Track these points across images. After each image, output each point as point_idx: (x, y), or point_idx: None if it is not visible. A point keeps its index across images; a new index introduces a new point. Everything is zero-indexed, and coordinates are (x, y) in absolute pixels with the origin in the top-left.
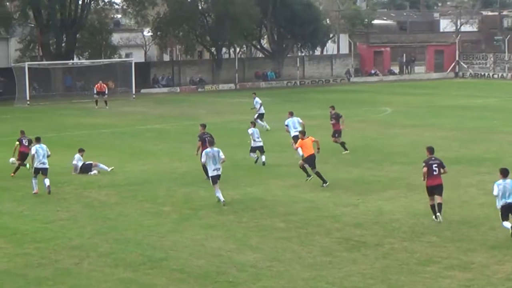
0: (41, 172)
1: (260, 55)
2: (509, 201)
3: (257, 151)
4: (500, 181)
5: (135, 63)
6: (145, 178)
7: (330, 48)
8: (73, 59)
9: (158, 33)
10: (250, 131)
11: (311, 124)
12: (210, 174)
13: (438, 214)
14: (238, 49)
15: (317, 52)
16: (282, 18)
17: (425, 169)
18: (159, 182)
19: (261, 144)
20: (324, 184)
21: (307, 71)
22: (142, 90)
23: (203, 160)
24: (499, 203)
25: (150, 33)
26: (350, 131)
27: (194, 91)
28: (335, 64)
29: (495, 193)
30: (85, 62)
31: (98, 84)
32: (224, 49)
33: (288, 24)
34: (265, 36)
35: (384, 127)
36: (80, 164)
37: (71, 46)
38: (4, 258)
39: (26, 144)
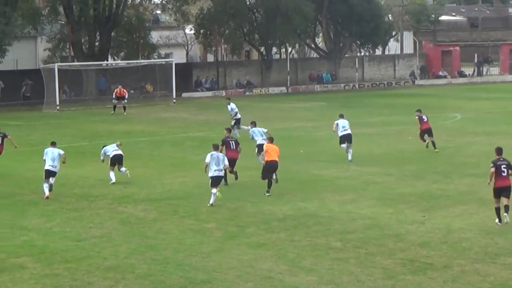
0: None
1: (315, 55)
2: None
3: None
4: None
5: (175, 64)
6: (187, 191)
7: (393, 47)
8: (107, 60)
9: (202, 31)
10: (251, 132)
11: (370, 132)
12: (210, 175)
13: (505, 214)
14: (290, 49)
15: (378, 51)
16: (339, 14)
17: (492, 169)
18: (202, 196)
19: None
20: (266, 193)
21: (366, 73)
22: (184, 94)
23: (206, 160)
24: None
25: (192, 31)
26: (415, 139)
27: (241, 95)
28: (398, 65)
29: None
30: (121, 63)
31: (118, 89)
32: (274, 49)
33: (345, 21)
34: (320, 34)
35: (453, 135)
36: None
37: (106, 45)
38: (31, 279)
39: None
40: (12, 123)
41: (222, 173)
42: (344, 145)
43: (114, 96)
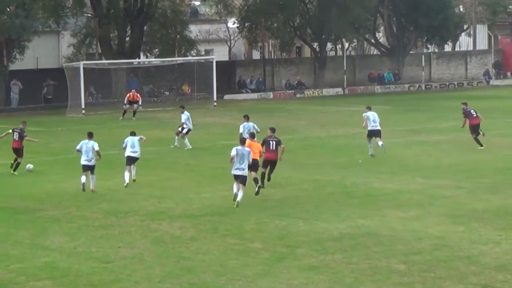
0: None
1: (375, 52)
2: None
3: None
4: None
5: (217, 62)
6: (229, 206)
7: (464, 42)
8: (139, 58)
9: (246, 24)
10: (241, 126)
11: (439, 139)
12: (232, 172)
13: None
14: (347, 45)
15: (447, 48)
16: (403, 5)
17: None
18: (247, 212)
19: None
20: (257, 194)
21: (434, 72)
22: (226, 96)
23: (232, 153)
24: None
25: (236, 25)
26: (489, 147)
27: (291, 97)
28: (470, 63)
29: None
30: (155, 61)
31: (131, 94)
32: (329, 45)
33: (410, 12)
34: (381, 28)
35: None
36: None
37: (137, 41)
38: None
39: (17, 138)
40: (31, 128)
41: (245, 173)
42: (370, 144)
43: (126, 101)
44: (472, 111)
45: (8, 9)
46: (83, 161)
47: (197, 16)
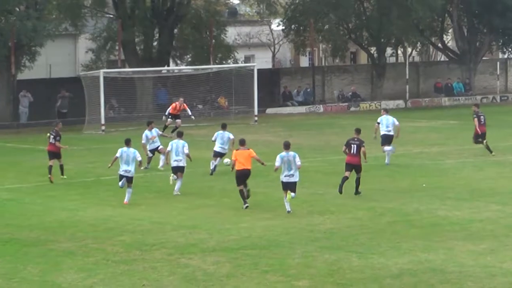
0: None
1: (442, 58)
2: None
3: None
4: None
5: (258, 70)
6: (271, 238)
7: None
8: (168, 65)
9: (293, 26)
10: (215, 134)
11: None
12: (281, 179)
13: None
14: (409, 50)
15: None
16: (476, 4)
17: None
18: (291, 245)
19: (224, 151)
20: (244, 206)
21: (511, 81)
22: (268, 110)
23: (277, 164)
24: None
25: (281, 27)
26: None
27: (344, 110)
28: None
29: None
30: (186, 69)
31: (177, 103)
32: (389, 50)
33: (484, 12)
34: (450, 31)
35: None
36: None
37: (166, 46)
38: None
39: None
40: (43, 147)
41: (295, 179)
42: (388, 148)
43: (167, 113)
44: (482, 116)
45: (17, 9)
46: (121, 172)
47: (235, 17)
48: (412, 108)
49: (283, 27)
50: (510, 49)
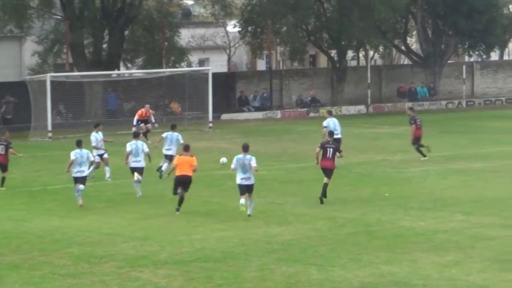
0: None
1: (406, 61)
2: None
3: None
4: None
5: (213, 74)
6: (226, 250)
7: None
8: (119, 69)
9: (249, 28)
10: (164, 135)
11: (483, 167)
12: (237, 182)
13: None
14: (371, 53)
15: (494, 56)
16: (440, 4)
17: None
18: (247, 257)
19: (171, 153)
20: (177, 211)
21: (478, 85)
22: (223, 116)
23: (232, 166)
24: None
25: (236, 29)
26: None
27: (304, 116)
28: None
29: None
30: (137, 73)
31: (143, 110)
32: (350, 53)
33: (449, 13)
34: (414, 33)
35: None
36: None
37: (117, 48)
38: None
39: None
40: None
41: (251, 181)
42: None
43: (136, 121)
44: (418, 120)
45: None
46: (76, 174)
47: (189, 19)
48: (374, 113)
49: (239, 29)
50: (476, 52)
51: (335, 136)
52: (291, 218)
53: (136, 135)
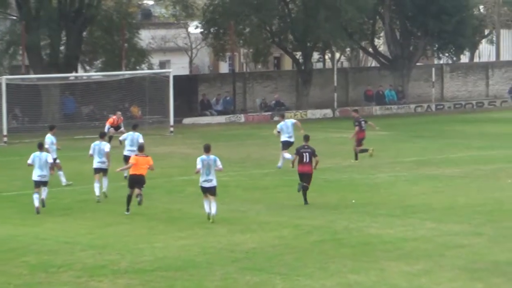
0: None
1: (373, 63)
2: None
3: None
4: None
5: (174, 76)
6: (188, 258)
7: (485, 52)
8: (76, 71)
9: (212, 29)
10: (125, 136)
11: (453, 173)
12: (200, 184)
13: None
14: (338, 55)
15: (464, 58)
16: (409, 5)
17: None
18: (210, 266)
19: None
20: (126, 212)
21: (447, 88)
22: (185, 120)
23: (198, 167)
24: None
25: (198, 30)
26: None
27: (268, 120)
28: (492, 77)
29: None
30: (96, 75)
31: (115, 117)
32: (315, 55)
33: (418, 14)
34: (382, 34)
35: None
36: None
37: (75, 50)
38: None
39: None
40: None
41: (213, 183)
42: (288, 156)
43: (107, 128)
44: (363, 122)
45: None
46: (36, 177)
47: (150, 19)
48: (341, 117)
49: (201, 30)
50: (446, 54)
51: (288, 139)
52: (255, 226)
53: (102, 135)
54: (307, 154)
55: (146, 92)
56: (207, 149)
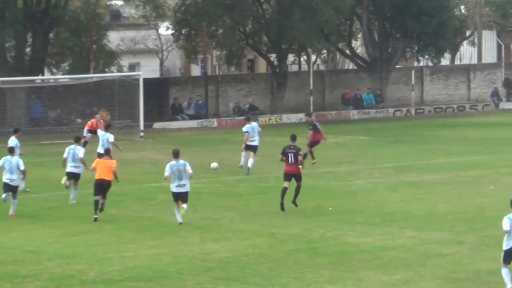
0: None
1: (351, 66)
2: None
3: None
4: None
5: (144, 79)
6: (159, 268)
7: (467, 54)
8: (43, 74)
9: (183, 30)
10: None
11: (433, 179)
12: (171, 190)
13: None
14: (314, 57)
15: (445, 61)
16: (388, 6)
17: None
18: (182, 276)
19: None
20: (94, 218)
21: (427, 92)
22: (156, 124)
23: (166, 174)
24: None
25: (169, 31)
26: (500, 190)
27: (241, 125)
28: (474, 80)
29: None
30: (63, 78)
31: (93, 121)
32: (291, 57)
33: (397, 15)
34: (359, 36)
35: None
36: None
37: (41, 52)
38: None
39: None
40: None
41: (186, 189)
42: (245, 153)
43: (86, 132)
44: (318, 124)
45: None
46: (6, 180)
47: (119, 20)
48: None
49: (172, 32)
50: (426, 56)
51: (252, 143)
52: (229, 234)
53: (77, 139)
54: (291, 154)
55: (115, 95)
56: (175, 155)
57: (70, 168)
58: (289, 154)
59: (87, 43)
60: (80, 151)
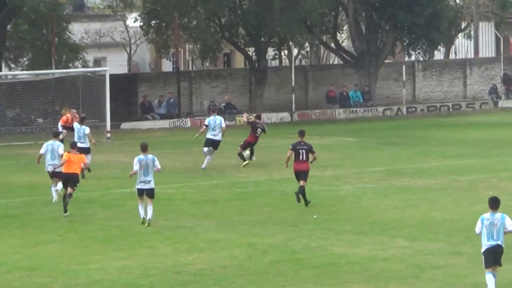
0: None
1: (336, 60)
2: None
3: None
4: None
5: (111, 75)
6: (128, 282)
7: (462, 47)
8: (0, 70)
9: (153, 22)
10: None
11: (427, 184)
12: (136, 186)
13: None
14: (296, 51)
15: (439, 55)
16: None
17: None
18: None
19: (85, 146)
20: (65, 214)
21: (420, 89)
22: (124, 125)
23: (135, 168)
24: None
25: (138, 23)
26: (499, 196)
27: None
28: (470, 76)
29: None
30: (22, 74)
31: (68, 116)
32: (270, 51)
33: (386, 5)
34: (345, 28)
35: None
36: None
37: None
38: None
39: None
40: None
41: (151, 185)
42: (206, 150)
43: (61, 127)
44: (259, 130)
45: None
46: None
47: (82, 11)
48: (300, 121)
49: (141, 23)
50: (418, 50)
51: (213, 138)
52: (204, 244)
53: (56, 134)
54: (303, 151)
55: (79, 93)
56: (144, 148)
57: (48, 166)
58: (300, 151)
59: (48, 36)
60: (60, 147)
